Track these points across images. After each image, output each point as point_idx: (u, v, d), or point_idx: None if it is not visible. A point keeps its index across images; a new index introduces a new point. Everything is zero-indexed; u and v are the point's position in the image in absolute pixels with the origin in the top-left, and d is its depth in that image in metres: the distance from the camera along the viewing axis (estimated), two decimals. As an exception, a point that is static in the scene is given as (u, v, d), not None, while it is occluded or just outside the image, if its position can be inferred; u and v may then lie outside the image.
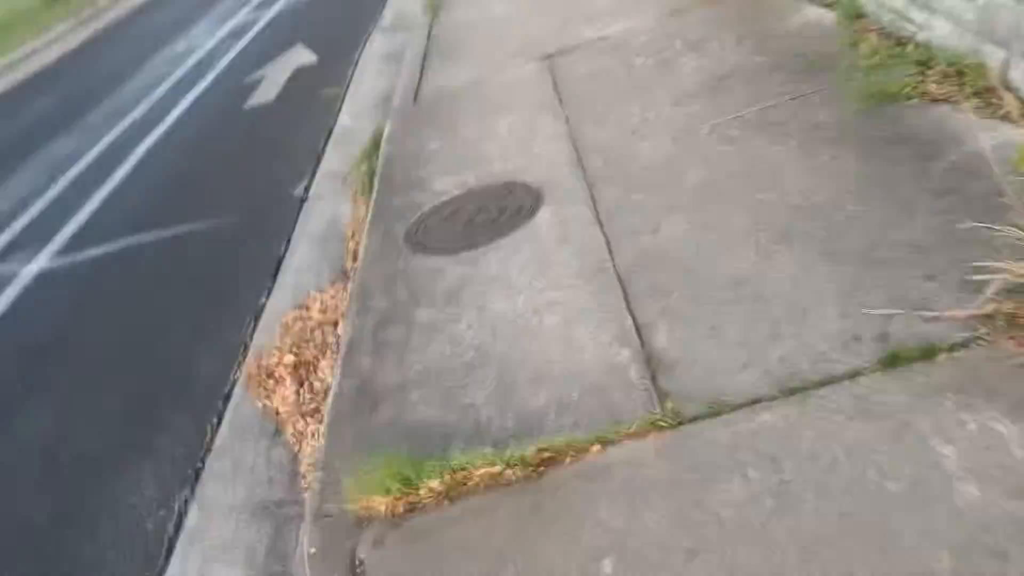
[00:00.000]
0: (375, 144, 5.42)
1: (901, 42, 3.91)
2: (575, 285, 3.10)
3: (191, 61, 9.97)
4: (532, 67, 5.55)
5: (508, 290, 3.23)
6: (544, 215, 3.69)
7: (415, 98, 5.83)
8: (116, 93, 9.50)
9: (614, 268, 3.12)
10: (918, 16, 3.78)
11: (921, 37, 3.77)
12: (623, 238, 3.30)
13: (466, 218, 3.93)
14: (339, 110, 6.65)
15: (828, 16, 4.57)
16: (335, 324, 3.68)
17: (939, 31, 3.62)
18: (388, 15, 9.13)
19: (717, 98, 4.18)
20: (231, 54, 9.77)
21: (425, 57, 6.69)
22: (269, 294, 4.22)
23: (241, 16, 11.70)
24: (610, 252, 3.23)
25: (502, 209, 3.88)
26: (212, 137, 7.15)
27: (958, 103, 3.33)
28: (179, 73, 9.54)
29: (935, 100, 3.42)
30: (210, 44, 10.63)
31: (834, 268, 2.71)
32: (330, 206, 5.03)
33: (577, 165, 4.02)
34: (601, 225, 3.45)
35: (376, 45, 8.19)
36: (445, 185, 4.33)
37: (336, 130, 6.27)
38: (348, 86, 7.18)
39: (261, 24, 10.84)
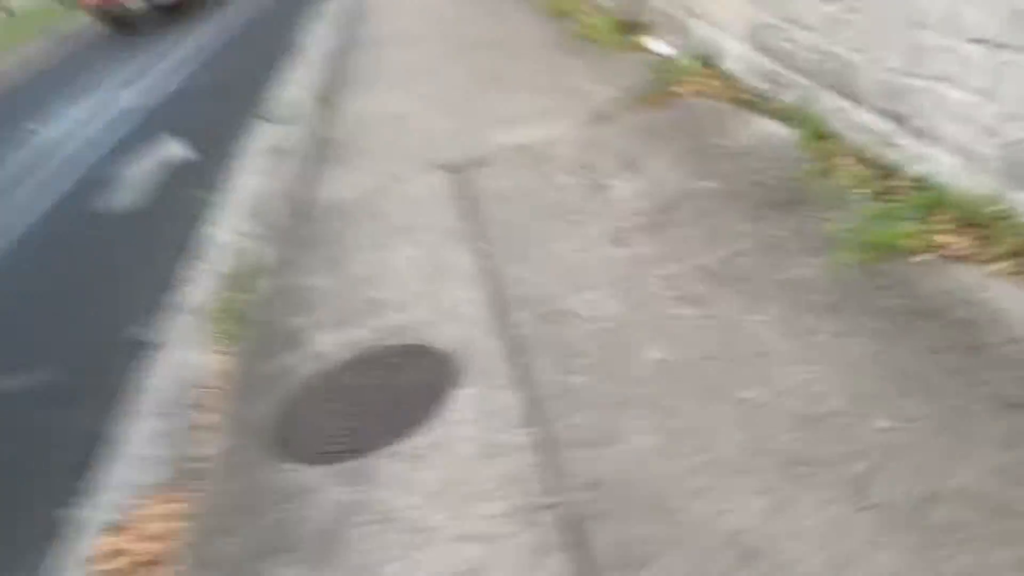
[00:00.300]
0: (246, 272, 4.41)
1: (887, 174, 3.23)
2: (512, 538, 2.16)
3: (46, 155, 8.73)
4: (437, 180, 4.69)
5: (412, 539, 2.26)
6: (460, 403, 2.76)
7: (298, 213, 4.86)
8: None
9: (563, 507, 2.20)
10: (910, 144, 3.11)
11: (915, 170, 3.10)
12: (571, 452, 2.39)
13: (354, 401, 2.96)
14: (208, 220, 5.60)
15: (784, 133, 3.90)
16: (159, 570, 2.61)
17: (942, 165, 2.94)
18: (274, 104, 8.18)
19: (666, 236, 3.39)
20: (96, 146, 8.60)
21: (313, 159, 5.75)
22: (74, 507, 3.09)
23: (115, 99, 10.52)
24: (556, 476, 2.31)
25: (402, 390, 2.93)
26: (51, 256, 5.97)
27: (983, 262, 2.63)
28: (29, 171, 8.28)
29: (951, 257, 2.71)
30: (71, 130, 9.42)
31: (886, 533, 1.87)
32: (180, 360, 3.95)
33: (500, 322, 3.13)
34: (539, 423, 2.54)
35: (258, 138, 7.21)
36: (329, 344, 3.36)
37: (201, 247, 5.22)
38: (222, 189, 6.14)
39: (134, 110, 9.71)
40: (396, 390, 2.93)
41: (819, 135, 3.67)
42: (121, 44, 15.56)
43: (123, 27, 16.20)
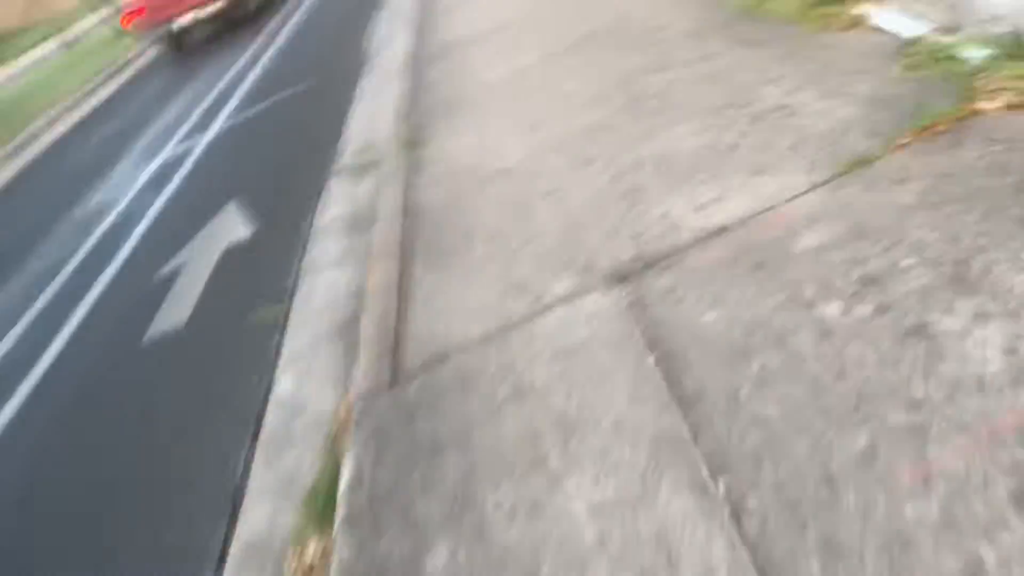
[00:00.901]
0: (326, 498, 2.83)
1: None
2: None
3: (93, 239, 7.46)
4: (599, 306, 2.95)
5: None
6: None
7: (393, 376, 3.21)
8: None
9: None
10: None
11: None
12: None
13: None
14: (278, 359, 4.06)
15: None
16: None
17: None
18: (349, 147, 6.59)
19: None
20: (147, 218, 7.27)
21: (404, 255, 4.09)
22: None
23: (169, 151, 9.23)
24: None
25: None
26: (77, 425, 4.55)
27: None
28: (72, 264, 7.02)
29: None
30: (125, 199, 8.15)
31: None
32: None
33: None
34: None
35: (334, 204, 5.63)
36: None
37: (268, 415, 3.67)
38: (293, 296, 4.60)
39: (190, 163, 8.35)
40: None
41: None
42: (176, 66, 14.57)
43: (176, 47, 15.54)
